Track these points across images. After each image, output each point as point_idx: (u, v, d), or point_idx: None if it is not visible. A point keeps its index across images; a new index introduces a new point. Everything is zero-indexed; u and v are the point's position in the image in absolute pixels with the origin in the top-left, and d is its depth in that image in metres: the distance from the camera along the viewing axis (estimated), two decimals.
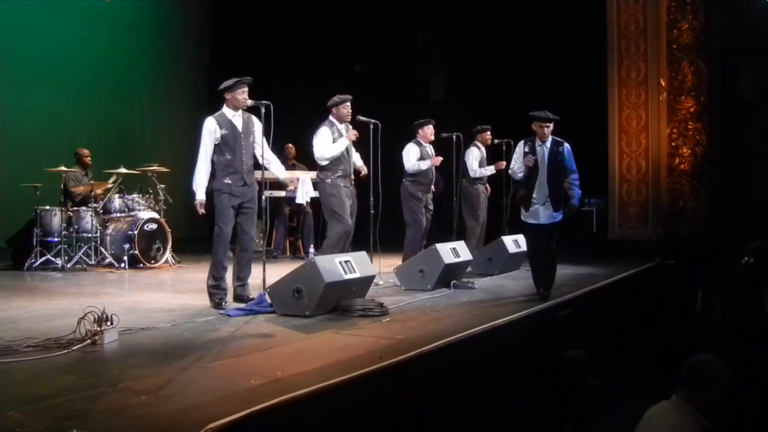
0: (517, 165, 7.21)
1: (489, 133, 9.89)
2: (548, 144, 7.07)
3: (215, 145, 6.50)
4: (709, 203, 11.36)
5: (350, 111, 7.76)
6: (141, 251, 9.65)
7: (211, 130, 6.50)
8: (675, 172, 11.60)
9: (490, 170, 9.73)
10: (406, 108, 12.25)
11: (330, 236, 7.62)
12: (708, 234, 11.22)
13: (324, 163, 7.66)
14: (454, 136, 9.39)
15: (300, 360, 4.47)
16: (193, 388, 3.78)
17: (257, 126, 6.69)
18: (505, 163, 9.40)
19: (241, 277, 6.68)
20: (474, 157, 9.68)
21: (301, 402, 3.47)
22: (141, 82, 14.41)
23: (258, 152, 6.66)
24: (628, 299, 9.14)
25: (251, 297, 6.55)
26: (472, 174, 9.65)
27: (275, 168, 6.97)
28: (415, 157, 8.98)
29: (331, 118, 7.75)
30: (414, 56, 14.69)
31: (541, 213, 7.10)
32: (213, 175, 6.55)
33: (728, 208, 11.25)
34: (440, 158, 9.14)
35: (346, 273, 6.23)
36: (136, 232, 9.62)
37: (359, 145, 7.93)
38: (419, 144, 9.09)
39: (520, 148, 7.18)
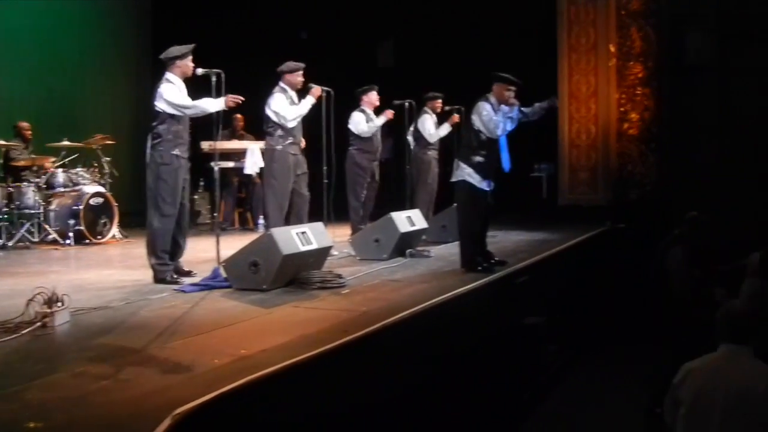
0: (494, 122, 6.60)
1: (440, 101, 9.78)
2: (516, 109, 6.65)
3: (164, 113, 6.19)
4: (657, 167, 11.50)
5: (303, 79, 7.63)
6: (87, 226, 9.34)
7: (178, 89, 6.25)
8: (624, 137, 11.69)
9: (446, 128, 9.61)
10: (354, 75, 12.05)
11: (270, 210, 7.52)
12: (656, 198, 11.37)
13: (291, 124, 7.47)
14: (406, 103, 9.31)
15: (263, 336, 4.36)
16: (155, 370, 3.64)
17: None
18: (458, 115, 9.35)
19: (177, 253, 6.49)
20: (429, 122, 9.58)
21: (270, 380, 3.36)
22: (81, 52, 13.84)
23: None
24: (585, 264, 9.20)
25: (188, 271, 6.45)
26: (429, 138, 9.52)
27: None
28: (363, 124, 8.89)
29: (282, 84, 7.59)
30: (361, 22, 14.47)
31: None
32: (155, 147, 6.24)
33: (676, 172, 11.42)
34: (392, 111, 9.02)
35: (303, 244, 6.11)
36: (81, 207, 9.31)
37: (310, 113, 7.75)
38: (363, 111, 8.99)
39: (488, 107, 6.65)
